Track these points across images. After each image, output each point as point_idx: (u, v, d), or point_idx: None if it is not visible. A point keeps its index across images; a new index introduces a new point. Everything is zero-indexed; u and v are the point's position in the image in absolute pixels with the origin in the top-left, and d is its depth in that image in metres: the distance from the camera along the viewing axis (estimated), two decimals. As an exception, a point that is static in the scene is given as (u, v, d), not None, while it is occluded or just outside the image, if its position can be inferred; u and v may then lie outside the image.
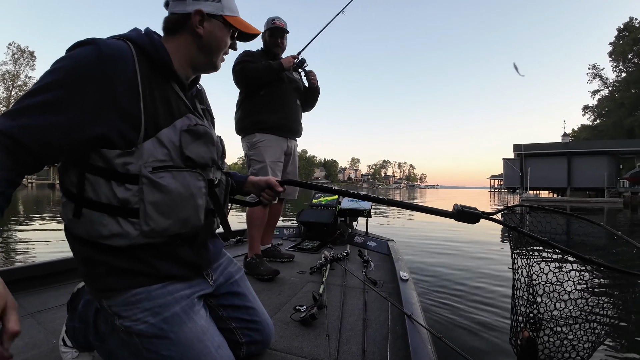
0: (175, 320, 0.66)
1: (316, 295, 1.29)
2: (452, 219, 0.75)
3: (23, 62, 33.83)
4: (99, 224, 0.61)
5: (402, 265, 1.72)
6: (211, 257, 0.80)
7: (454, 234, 5.85)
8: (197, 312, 0.71)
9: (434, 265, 3.31)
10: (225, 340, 0.76)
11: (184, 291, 0.71)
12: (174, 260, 0.69)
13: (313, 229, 2.75)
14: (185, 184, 0.65)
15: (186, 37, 0.71)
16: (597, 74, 37.50)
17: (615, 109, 33.31)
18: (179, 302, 0.68)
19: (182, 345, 0.65)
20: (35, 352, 0.92)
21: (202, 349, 0.67)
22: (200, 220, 0.69)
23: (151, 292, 0.66)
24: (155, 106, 0.63)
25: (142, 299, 0.65)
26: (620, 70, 35.07)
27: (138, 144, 0.61)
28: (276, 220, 2.07)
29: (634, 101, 32.21)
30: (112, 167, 0.60)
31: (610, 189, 18.16)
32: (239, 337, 0.84)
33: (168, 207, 0.63)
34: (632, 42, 32.11)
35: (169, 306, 0.67)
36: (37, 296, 1.30)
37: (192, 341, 0.66)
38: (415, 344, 0.88)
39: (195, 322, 0.69)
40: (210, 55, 0.74)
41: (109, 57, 0.57)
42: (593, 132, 35.52)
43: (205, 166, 0.71)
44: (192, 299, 0.72)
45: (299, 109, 2.00)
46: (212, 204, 0.76)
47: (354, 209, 2.79)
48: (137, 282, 0.65)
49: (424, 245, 4.50)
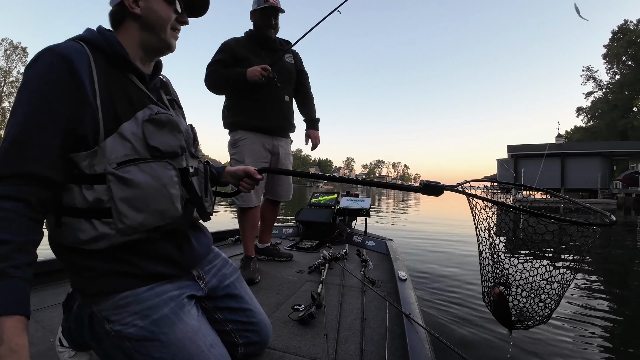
0: (165, 322, 0.66)
1: (314, 294, 1.30)
2: (420, 192, 0.82)
3: (15, 58, 33.68)
4: (77, 230, 0.61)
5: (400, 265, 1.73)
6: (196, 252, 0.78)
7: (453, 234, 5.88)
8: (187, 312, 0.70)
9: (433, 265, 3.33)
10: (219, 338, 0.75)
11: (172, 292, 0.70)
12: (157, 257, 0.69)
13: (312, 228, 2.75)
14: (154, 175, 0.64)
15: (129, 22, 0.71)
16: (591, 76, 37.73)
17: (608, 110, 33.49)
18: (168, 303, 0.68)
19: (174, 347, 0.65)
20: (33, 350, 0.91)
21: (194, 349, 0.67)
22: (178, 210, 0.68)
23: (139, 295, 0.65)
24: (113, 101, 0.63)
25: (130, 302, 0.64)
26: (614, 73, 35.29)
27: (100, 142, 0.60)
28: (274, 218, 2.02)
29: (627, 103, 32.45)
30: (81, 171, 0.60)
31: (604, 190, 18.35)
32: (236, 338, 0.84)
33: (140, 200, 0.62)
34: (627, 44, 32.19)
35: (158, 308, 0.66)
36: (35, 294, 1.29)
37: (184, 342, 0.66)
38: (413, 343, 0.89)
39: (186, 322, 0.68)
40: (157, 33, 0.72)
41: (68, 58, 0.58)
42: (586, 133, 35.72)
43: (174, 155, 0.70)
44: (182, 299, 0.71)
45: (289, 105, 1.80)
46: (188, 193, 0.74)
47: (352, 209, 2.79)
48: (124, 285, 0.65)
49: (423, 245, 4.52)
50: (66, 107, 0.57)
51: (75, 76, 0.58)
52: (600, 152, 20.11)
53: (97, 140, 0.60)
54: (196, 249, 0.78)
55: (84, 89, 0.59)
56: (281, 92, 1.73)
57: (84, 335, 0.74)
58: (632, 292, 2.76)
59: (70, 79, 0.58)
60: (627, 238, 5.92)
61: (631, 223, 8.47)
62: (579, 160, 20.10)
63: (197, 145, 0.84)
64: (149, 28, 0.71)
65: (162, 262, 0.70)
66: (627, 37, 32.28)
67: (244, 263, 1.69)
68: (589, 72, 37.85)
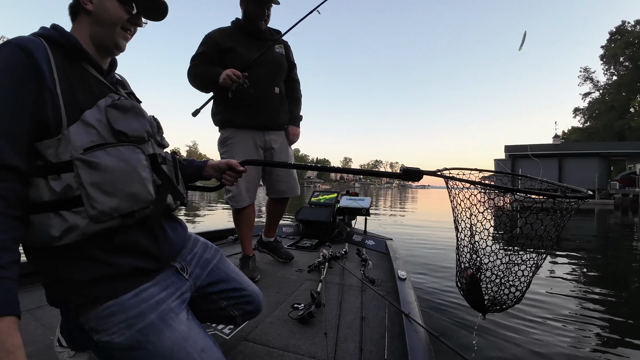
0: (152, 330, 0.64)
1: (314, 293, 1.30)
2: (401, 179, 0.88)
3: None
4: (47, 226, 0.59)
5: (400, 264, 1.73)
6: (173, 243, 0.77)
7: (452, 234, 5.88)
8: (175, 318, 0.68)
9: (432, 264, 3.33)
10: (211, 340, 0.74)
11: (158, 296, 0.68)
12: (132, 249, 0.67)
13: (311, 227, 2.75)
14: (123, 158, 0.63)
15: (82, 17, 0.72)
16: (589, 77, 37.88)
17: (605, 111, 33.62)
18: (154, 309, 0.66)
19: (162, 355, 0.64)
20: (32, 348, 0.92)
21: (183, 356, 0.65)
22: (151, 193, 0.67)
23: (123, 303, 0.64)
24: (74, 91, 0.63)
25: (114, 311, 0.63)
26: (612, 74, 35.48)
27: (63, 131, 0.60)
28: (279, 215, 1.92)
29: (624, 104, 32.58)
30: (46, 161, 0.59)
31: (601, 191, 18.40)
32: (232, 312, 0.87)
33: (110, 184, 0.61)
34: (624, 45, 32.30)
35: (144, 315, 0.65)
36: (35, 292, 1.29)
37: (172, 350, 0.65)
38: (412, 342, 0.89)
39: (174, 328, 0.67)
40: (106, 31, 0.72)
41: (26, 48, 0.59)
42: (583, 134, 35.84)
43: (141, 140, 0.70)
44: (169, 304, 0.69)
45: (280, 97, 1.69)
46: (160, 179, 0.73)
47: (352, 208, 2.79)
48: (106, 293, 0.63)
49: (423, 244, 4.53)
50: (29, 94, 0.58)
51: (34, 65, 0.59)
52: (597, 153, 20.22)
53: (60, 128, 0.60)
54: (172, 239, 0.77)
55: (44, 77, 0.59)
56: (270, 85, 1.64)
57: (83, 338, 0.74)
58: (630, 293, 2.78)
59: (30, 68, 0.58)
60: (624, 239, 5.95)
61: (628, 224, 8.51)
62: (576, 160, 20.21)
63: (162, 134, 0.85)
64: (99, 24, 0.72)
65: (138, 255, 0.68)
66: (625, 38, 32.40)
67: (242, 262, 1.69)
68: (587, 72, 38.09)
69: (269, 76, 1.64)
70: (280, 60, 1.70)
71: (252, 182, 1.70)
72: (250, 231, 1.75)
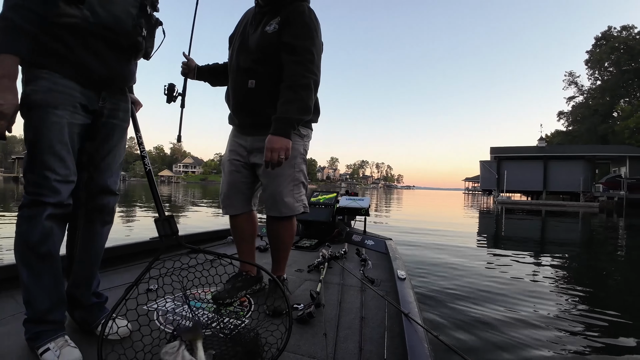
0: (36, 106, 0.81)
1: (314, 293, 1.30)
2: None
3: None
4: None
5: (399, 264, 1.73)
6: (116, 70, 0.92)
7: (453, 234, 5.89)
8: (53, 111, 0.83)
9: (432, 264, 3.33)
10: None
11: (72, 91, 0.85)
12: (86, 50, 0.84)
13: (311, 227, 2.75)
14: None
15: None
16: (573, 81, 38.35)
17: (589, 115, 33.98)
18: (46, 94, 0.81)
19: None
20: None
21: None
22: (129, 25, 0.90)
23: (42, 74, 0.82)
24: None
25: (39, 76, 0.82)
26: (596, 78, 36.01)
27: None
28: (278, 240, 1.38)
29: (608, 108, 33.01)
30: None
31: (586, 193, 18.46)
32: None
33: (109, 3, 0.86)
34: (610, 50, 32.60)
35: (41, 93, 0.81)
36: None
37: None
38: (412, 342, 0.89)
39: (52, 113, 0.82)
40: None
41: None
42: (567, 137, 36.18)
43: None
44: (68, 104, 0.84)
45: (255, 93, 1.24)
46: (144, 20, 0.95)
47: (352, 208, 2.79)
48: (44, 60, 0.81)
49: (422, 244, 4.53)
50: None
51: None
52: (583, 156, 20.29)
53: None
54: (117, 68, 0.93)
55: None
56: (242, 76, 1.26)
57: None
58: (611, 296, 2.78)
59: None
60: (609, 241, 5.97)
61: (612, 226, 8.49)
62: (562, 163, 20.27)
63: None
64: None
65: (87, 56, 0.85)
66: (611, 43, 32.73)
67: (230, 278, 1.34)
68: (571, 77, 38.58)
69: (238, 66, 1.30)
70: (259, 43, 1.23)
71: (235, 185, 1.37)
72: (246, 245, 1.45)
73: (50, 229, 0.84)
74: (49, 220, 0.83)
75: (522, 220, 9.50)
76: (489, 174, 21.75)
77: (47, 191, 0.82)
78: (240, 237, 1.44)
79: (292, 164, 1.29)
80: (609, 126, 30.93)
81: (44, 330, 0.85)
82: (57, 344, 0.83)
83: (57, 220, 0.86)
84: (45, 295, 0.85)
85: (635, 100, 31.55)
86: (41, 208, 0.82)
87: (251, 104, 1.27)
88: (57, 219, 0.86)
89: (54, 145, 0.82)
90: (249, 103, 1.28)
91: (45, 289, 0.85)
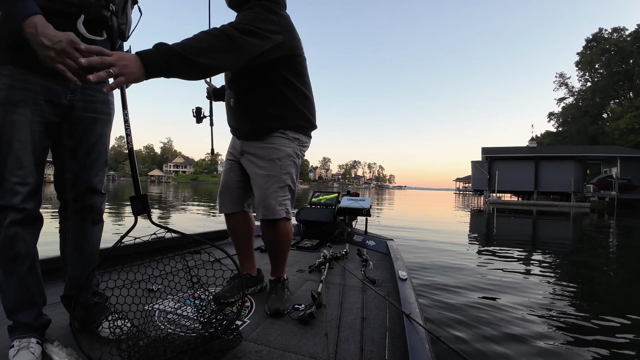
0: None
1: (315, 294, 1.30)
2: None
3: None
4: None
5: (400, 265, 1.72)
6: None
7: (452, 234, 5.88)
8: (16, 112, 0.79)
9: (432, 264, 3.32)
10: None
11: (34, 86, 0.80)
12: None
13: (312, 227, 2.75)
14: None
15: None
16: (564, 82, 38.43)
17: (579, 116, 34.02)
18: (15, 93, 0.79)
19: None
20: None
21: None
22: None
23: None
24: None
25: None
26: (586, 80, 36.13)
27: None
28: (274, 242, 1.34)
29: (598, 110, 33.11)
30: None
31: (577, 194, 18.41)
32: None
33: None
34: (601, 52, 32.64)
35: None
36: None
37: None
38: (413, 343, 0.89)
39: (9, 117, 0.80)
40: None
41: None
42: (557, 138, 36.20)
43: None
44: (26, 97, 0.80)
45: (234, 110, 1.31)
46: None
47: (353, 208, 2.79)
48: (3, 55, 0.78)
49: (423, 244, 4.52)
50: None
51: None
52: (574, 156, 20.26)
53: None
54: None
55: None
56: (228, 94, 1.33)
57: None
58: (600, 297, 2.76)
59: None
60: (601, 241, 5.95)
61: (603, 226, 8.46)
62: (553, 163, 20.22)
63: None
64: None
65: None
66: (602, 45, 32.78)
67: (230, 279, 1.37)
68: (562, 78, 38.71)
69: (226, 81, 1.36)
70: None
71: (229, 184, 1.39)
72: (242, 245, 1.45)
73: (15, 233, 0.81)
74: (12, 226, 0.80)
75: (515, 220, 9.48)
76: (481, 174, 21.73)
77: (6, 193, 0.79)
78: (236, 236, 1.46)
79: (279, 165, 1.26)
80: (599, 127, 31.02)
81: (15, 327, 0.87)
82: (20, 344, 0.83)
83: (22, 225, 0.82)
84: (12, 295, 0.85)
85: (625, 101, 31.61)
86: (1, 215, 0.80)
87: (235, 120, 1.34)
88: (20, 224, 0.82)
89: (12, 144, 0.78)
90: (233, 119, 1.35)
91: (12, 290, 0.85)
